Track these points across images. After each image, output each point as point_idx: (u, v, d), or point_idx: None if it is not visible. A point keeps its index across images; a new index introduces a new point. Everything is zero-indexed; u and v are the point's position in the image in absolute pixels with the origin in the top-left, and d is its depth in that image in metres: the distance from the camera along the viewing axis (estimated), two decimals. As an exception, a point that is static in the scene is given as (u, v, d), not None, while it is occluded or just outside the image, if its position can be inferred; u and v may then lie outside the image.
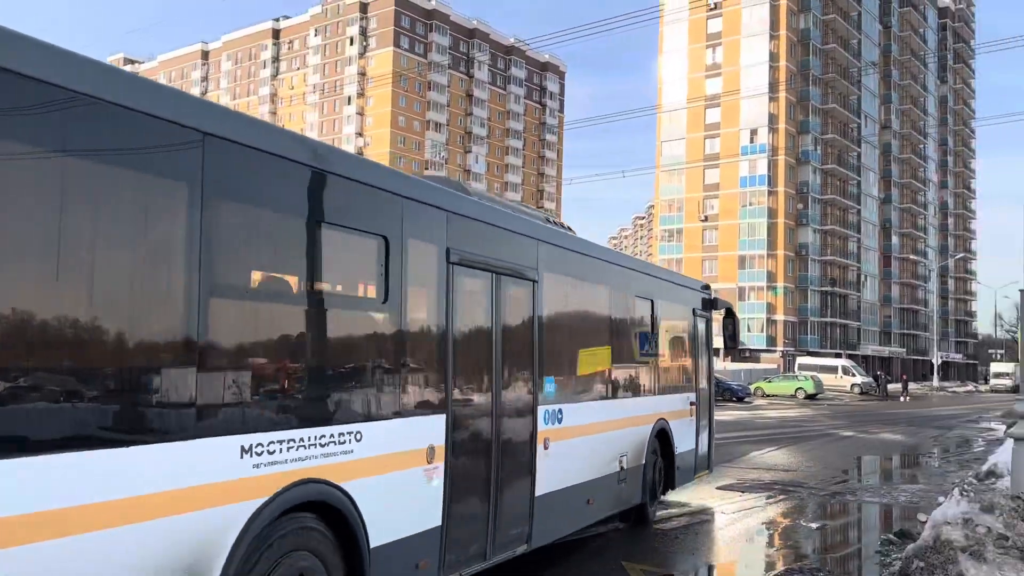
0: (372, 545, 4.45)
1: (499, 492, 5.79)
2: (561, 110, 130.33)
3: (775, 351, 69.42)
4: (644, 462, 8.61)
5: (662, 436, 9.23)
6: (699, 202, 78.17)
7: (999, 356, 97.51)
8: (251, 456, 3.75)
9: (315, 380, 4.34)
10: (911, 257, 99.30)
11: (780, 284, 74.66)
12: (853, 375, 53.23)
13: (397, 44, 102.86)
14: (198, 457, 3.50)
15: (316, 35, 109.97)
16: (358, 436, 4.45)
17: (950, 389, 72.61)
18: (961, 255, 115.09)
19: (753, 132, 75.75)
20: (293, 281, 4.34)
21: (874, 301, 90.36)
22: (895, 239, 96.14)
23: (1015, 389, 50.40)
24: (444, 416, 5.22)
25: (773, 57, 75.51)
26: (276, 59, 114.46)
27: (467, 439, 5.54)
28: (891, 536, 7.99)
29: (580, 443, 7.21)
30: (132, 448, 3.23)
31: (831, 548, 8.35)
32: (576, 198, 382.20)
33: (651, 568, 7.09)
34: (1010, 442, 7.68)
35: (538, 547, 6.27)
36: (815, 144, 78.43)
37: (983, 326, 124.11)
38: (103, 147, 3.21)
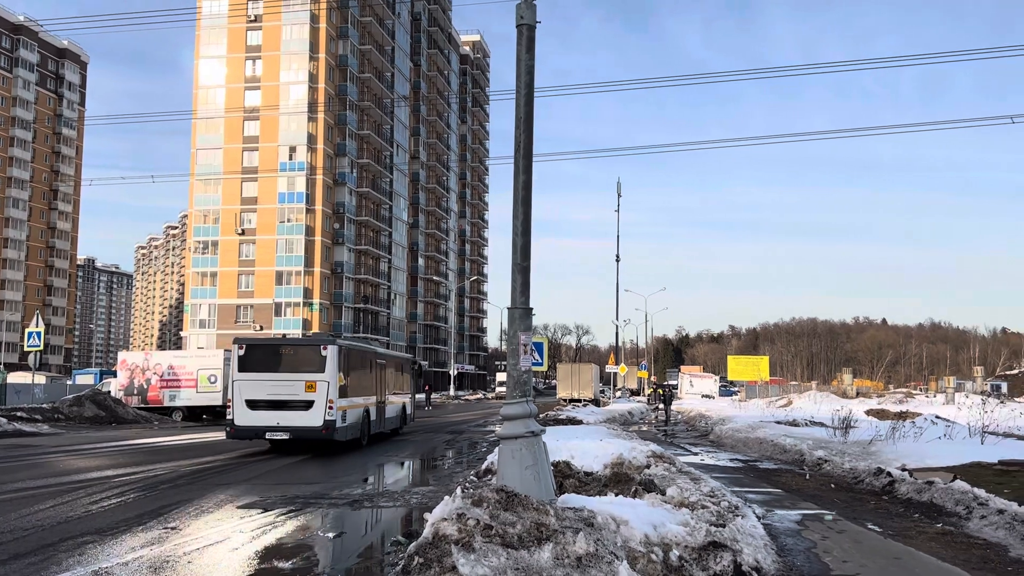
0: (371, 418, 22.14)
1: (381, 413, 23.46)
2: (82, 103, 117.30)
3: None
4: (402, 414, 26.58)
5: (403, 407, 26.63)
6: (236, 215, 76.28)
7: (504, 367, 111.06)
8: (367, 398, 21.95)
9: (377, 389, 23.25)
10: (434, 278, 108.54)
11: (316, 300, 76.04)
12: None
13: None
14: (372, 397, 22.56)
15: None
16: (372, 399, 22.42)
17: (464, 397, 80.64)
18: (475, 277, 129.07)
19: (292, 149, 76.28)
20: (390, 372, 25.29)
21: (402, 318, 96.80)
22: (421, 261, 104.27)
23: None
24: (375, 397, 22.85)
25: (312, 78, 77.02)
26: None
27: (383, 404, 23.77)
28: (399, 537, 8.44)
29: (396, 407, 25.71)
30: (367, 397, 22.14)
31: (349, 556, 8.53)
32: (98, 201, 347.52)
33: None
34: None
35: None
36: (351, 167, 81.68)
37: (492, 340, 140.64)
38: (379, 358, 24.41)
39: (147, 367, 35.73)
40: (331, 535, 9.19)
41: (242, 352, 19.25)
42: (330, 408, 18.71)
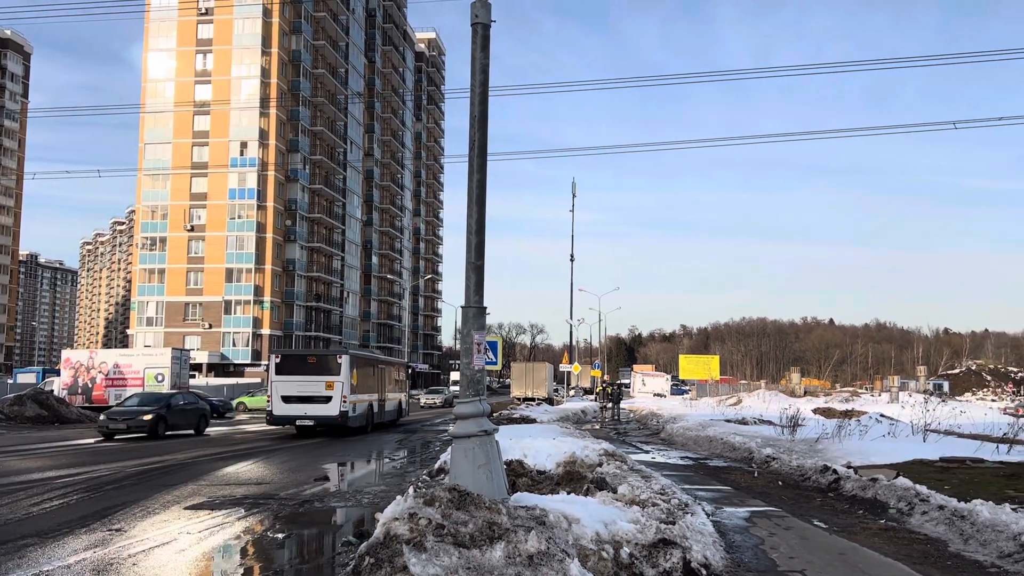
0: (374, 410, 28.26)
1: (382, 406, 29.49)
2: (25, 95, 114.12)
3: (260, 365, 69.50)
4: (399, 407, 32.67)
5: (399, 402, 32.65)
6: (185, 211, 74.97)
7: (458, 366, 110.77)
8: (371, 395, 27.97)
9: (379, 387, 29.36)
10: (388, 276, 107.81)
11: (267, 298, 75.05)
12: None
13: None
14: (375, 394, 28.55)
15: None
16: (375, 396, 28.63)
17: (416, 397, 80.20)
18: (430, 276, 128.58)
19: (243, 145, 75.18)
20: (389, 374, 31.50)
21: (355, 316, 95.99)
22: (375, 259, 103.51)
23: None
24: (377, 394, 28.78)
25: (265, 73, 75.99)
26: None
27: (384, 399, 29.90)
28: (350, 538, 8.36)
29: (394, 402, 31.82)
30: (371, 394, 28.17)
31: (299, 556, 8.43)
32: (42, 196, 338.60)
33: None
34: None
35: None
36: (304, 163, 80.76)
37: (447, 339, 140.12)
38: (380, 363, 31.06)
39: (92, 365, 34.92)
40: (280, 536, 9.08)
41: (278, 360, 25.59)
42: (344, 402, 24.95)
